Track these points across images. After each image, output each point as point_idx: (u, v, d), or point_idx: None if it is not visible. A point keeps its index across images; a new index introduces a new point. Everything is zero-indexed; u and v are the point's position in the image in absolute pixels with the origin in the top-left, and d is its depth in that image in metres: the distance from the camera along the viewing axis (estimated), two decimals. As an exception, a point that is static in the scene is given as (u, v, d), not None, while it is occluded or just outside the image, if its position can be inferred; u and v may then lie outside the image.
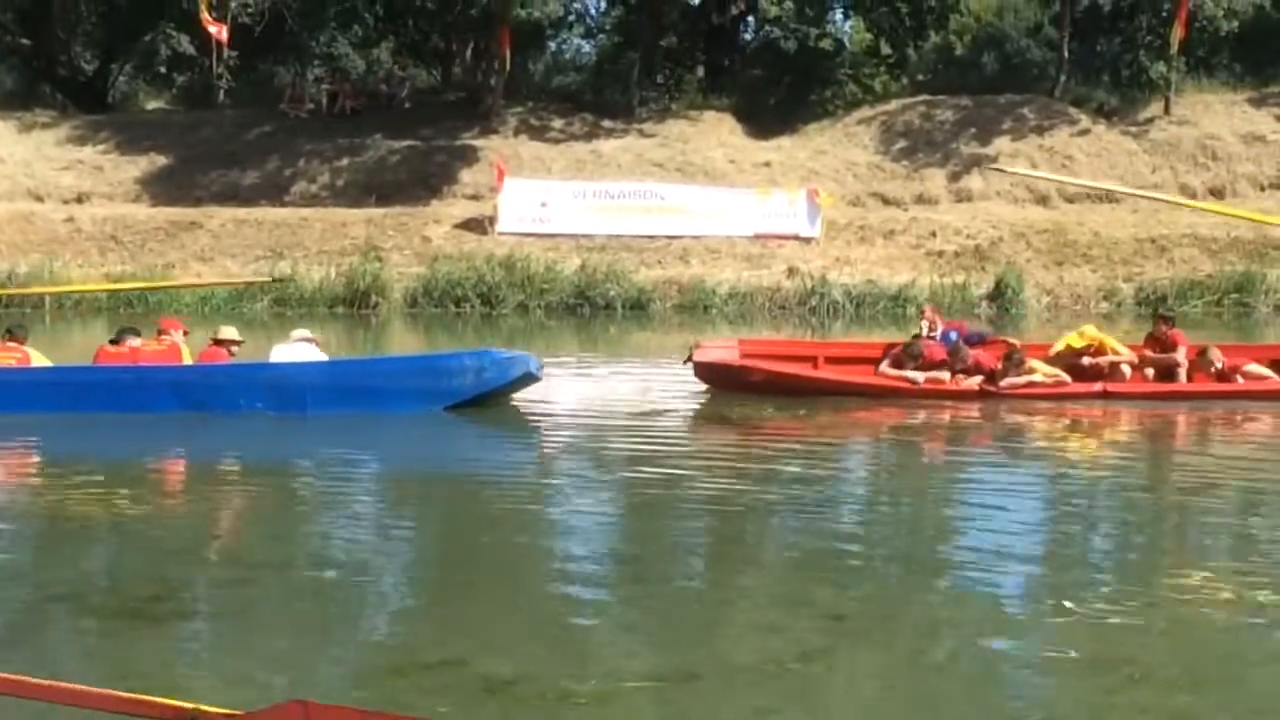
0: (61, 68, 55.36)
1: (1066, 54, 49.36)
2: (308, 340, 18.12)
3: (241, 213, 42.02)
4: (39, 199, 43.16)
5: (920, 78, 55.25)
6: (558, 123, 47.39)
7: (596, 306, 36.92)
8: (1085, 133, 45.70)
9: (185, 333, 18.31)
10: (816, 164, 44.81)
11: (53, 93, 55.13)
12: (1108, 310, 37.43)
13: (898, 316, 35.40)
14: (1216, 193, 43.32)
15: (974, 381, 18.44)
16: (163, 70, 57.36)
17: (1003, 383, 18.33)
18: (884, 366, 18.91)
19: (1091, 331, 19.52)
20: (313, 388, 17.13)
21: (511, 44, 46.58)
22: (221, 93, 51.30)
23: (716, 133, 46.63)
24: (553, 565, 10.34)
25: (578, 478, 14.05)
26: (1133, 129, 46.10)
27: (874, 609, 9.04)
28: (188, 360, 17.70)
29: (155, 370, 17.31)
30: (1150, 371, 19.10)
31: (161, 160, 45.23)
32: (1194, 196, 43.02)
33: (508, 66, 47.25)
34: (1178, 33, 44.04)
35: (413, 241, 40.48)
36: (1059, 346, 19.16)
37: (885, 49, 52.82)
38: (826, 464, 15.03)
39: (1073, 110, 47.12)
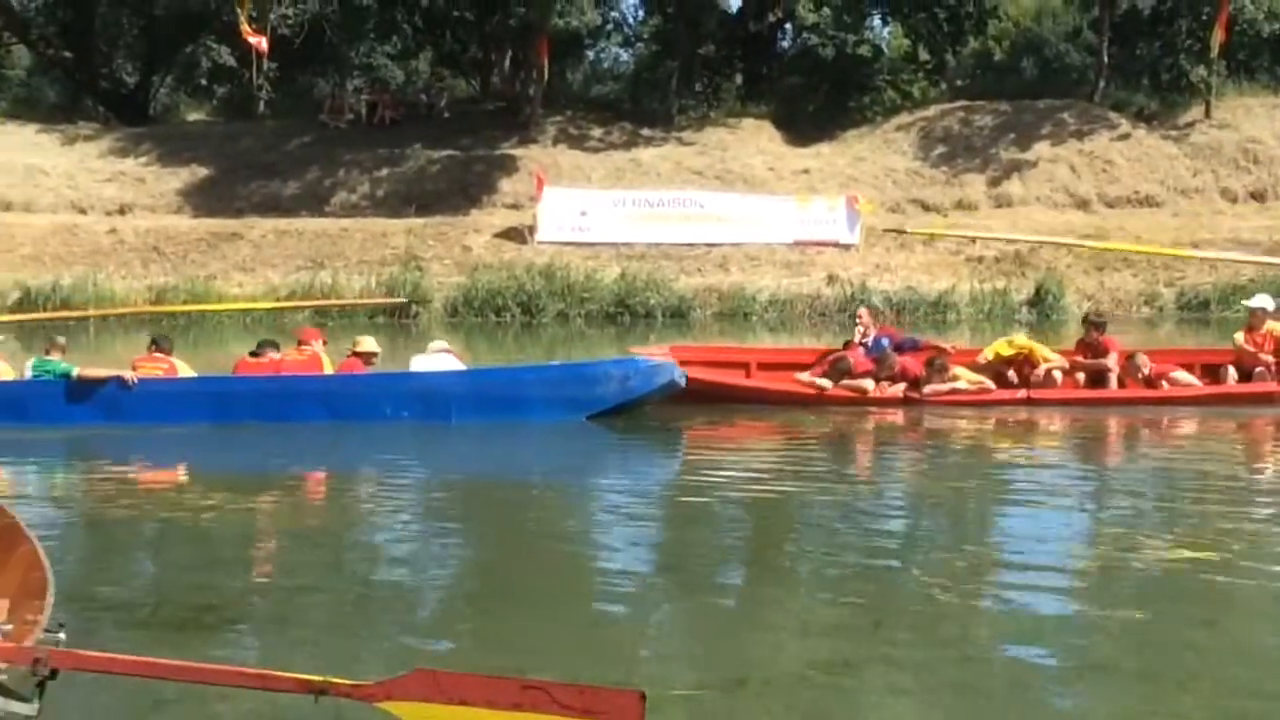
0: (103, 80, 55.70)
1: (1106, 58, 49.21)
2: (445, 351, 18.12)
3: (282, 223, 42.19)
4: (82, 211, 43.39)
5: (959, 83, 55.25)
6: (596, 131, 47.48)
7: (636, 315, 36.97)
8: (1125, 137, 45.56)
9: (324, 343, 18.38)
10: (855, 170, 44.79)
11: (95, 105, 55.49)
12: (1149, 315, 37.33)
13: (938, 322, 35.37)
14: (1258, 196, 43.23)
15: (898, 389, 18.45)
16: (203, 82, 57.82)
17: (926, 389, 18.29)
18: (808, 375, 18.92)
19: (1021, 339, 19.47)
20: (457, 397, 17.09)
21: (550, 53, 46.73)
22: (262, 104, 51.53)
23: (755, 140, 46.63)
24: (596, 572, 10.37)
25: (640, 485, 14.09)
26: (1173, 133, 45.95)
27: (914, 616, 9.03)
28: (328, 370, 17.76)
29: (302, 380, 17.34)
30: (1082, 377, 19.02)
31: (203, 171, 45.45)
32: (1235, 200, 43.00)
33: (546, 76, 47.37)
34: (1218, 36, 43.88)
35: (453, 251, 40.60)
36: (988, 354, 19.09)
37: (923, 55, 52.78)
38: (848, 472, 15.05)
39: (1112, 115, 46.99)
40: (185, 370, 17.61)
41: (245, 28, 45.65)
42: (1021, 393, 18.49)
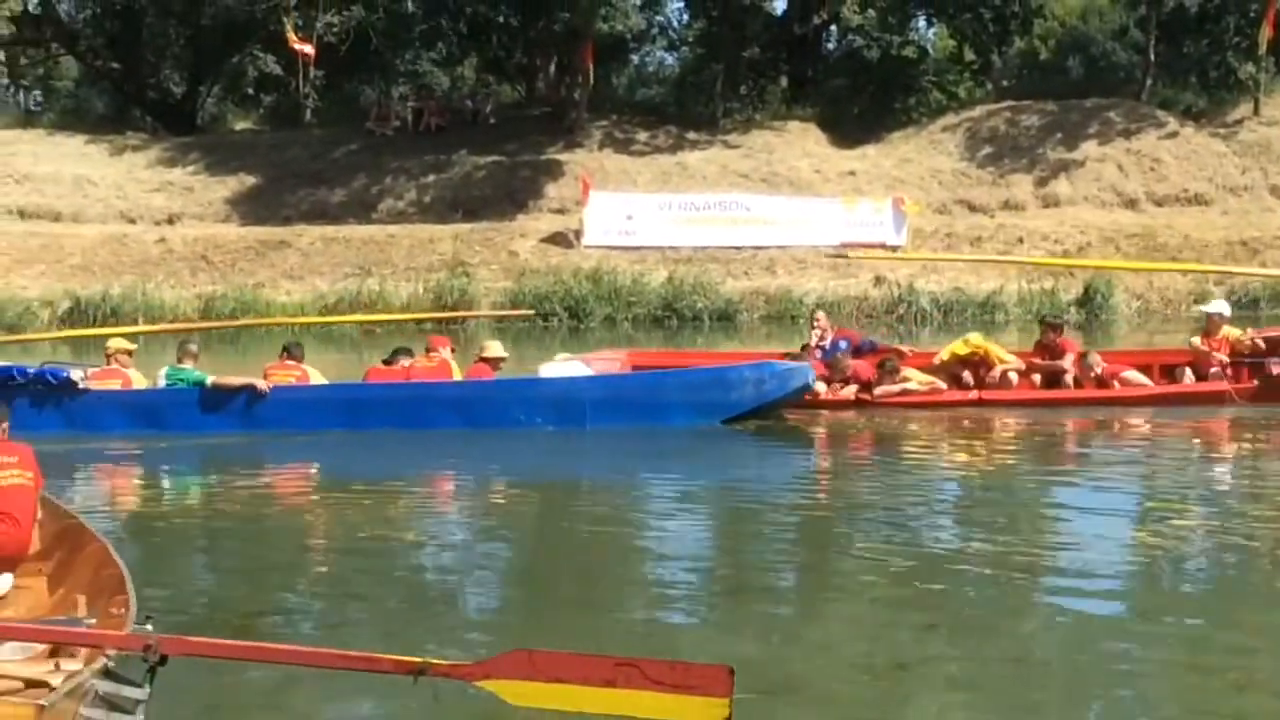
0: (151, 91, 56.02)
1: (1153, 56, 49.00)
2: (572, 361, 18.20)
3: (330, 231, 42.34)
4: (131, 221, 43.62)
5: (1005, 83, 55.10)
6: (642, 135, 47.51)
7: (684, 318, 36.97)
8: (1173, 135, 45.34)
9: (453, 350, 18.41)
10: (902, 172, 44.69)
11: (143, 115, 55.81)
12: (1198, 315, 37.07)
13: (986, 324, 35.24)
14: (1308, 193, 43.04)
15: (850, 391, 18.40)
16: (250, 91, 58.07)
17: (877, 391, 18.27)
18: None
19: (976, 339, 19.35)
20: (593, 402, 17.04)
21: (594, 58, 46.77)
22: (308, 112, 51.73)
23: (801, 143, 46.60)
24: (651, 575, 10.41)
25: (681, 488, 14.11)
26: (1221, 131, 45.72)
27: (967, 616, 9.01)
28: (458, 377, 17.75)
29: (436, 386, 17.35)
30: (1038, 379, 18.96)
31: (250, 180, 45.65)
32: (1285, 198, 42.78)
33: (591, 80, 47.42)
34: (1266, 33, 43.58)
35: (499, 256, 40.67)
36: (943, 355, 19.03)
37: (969, 55, 52.64)
38: (895, 475, 15.02)
39: (1160, 113, 46.77)
40: (317, 377, 17.67)
41: (291, 36, 46.00)
42: (973, 394, 18.45)
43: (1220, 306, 19.61)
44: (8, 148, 46.85)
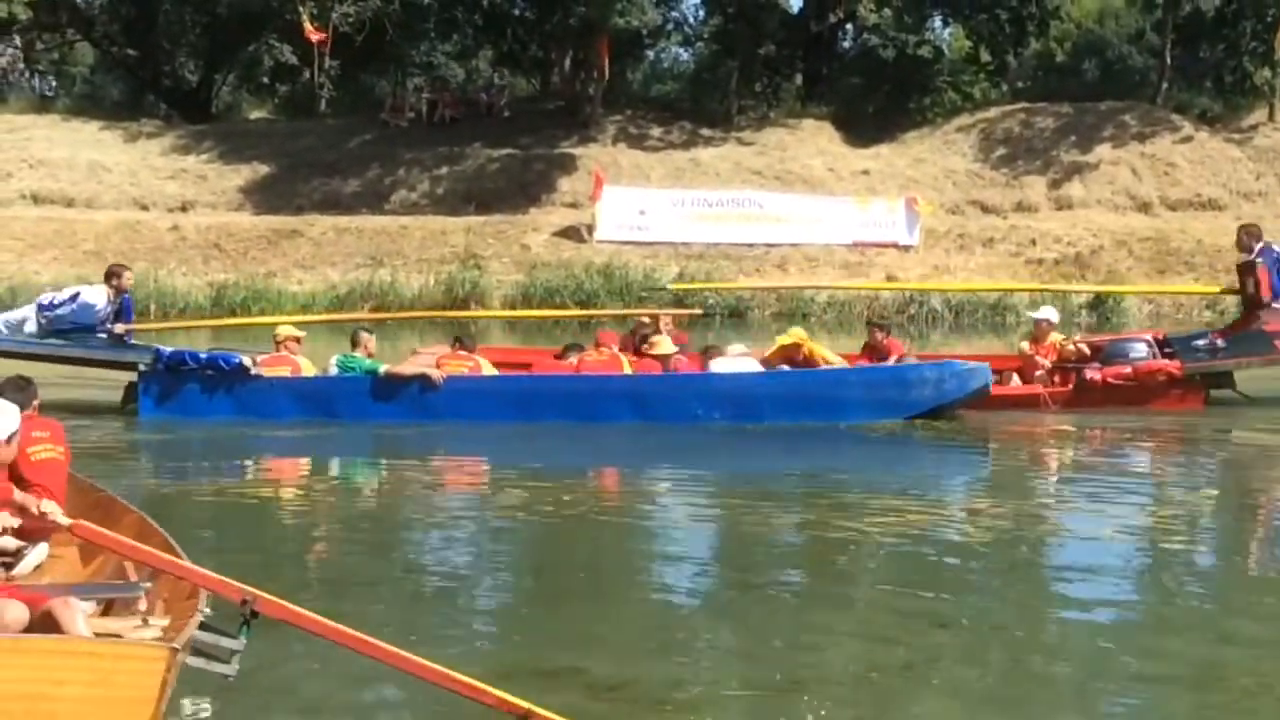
0: (166, 78, 56.08)
1: (1169, 60, 48.95)
2: (745, 355, 18.06)
3: (342, 221, 42.38)
4: (144, 208, 43.67)
5: (1020, 85, 55.03)
6: (656, 131, 47.52)
7: (695, 315, 36.94)
8: (1188, 140, 45.30)
9: (620, 347, 18.21)
10: (915, 172, 44.68)
11: (158, 103, 55.88)
12: (1211, 319, 37.04)
13: (997, 325, 35.23)
14: (1320, 200, 42.96)
15: None
16: (265, 80, 58.13)
17: None
18: None
19: (798, 332, 19.35)
20: (770, 397, 17.01)
21: (610, 53, 46.77)
22: (323, 102, 51.77)
23: (815, 141, 46.59)
24: (656, 573, 10.43)
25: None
26: (1236, 136, 45.67)
27: (976, 618, 9.01)
28: (626, 371, 17.59)
29: (612, 380, 17.26)
30: None
31: (264, 169, 45.69)
32: (1298, 204, 42.69)
33: (606, 75, 47.44)
34: (1283, 38, 43.60)
35: (511, 249, 40.69)
36: (773, 349, 19.06)
37: (985, 56, 52.55)
38: (905, 475, 15.08)
39: (1175, 117, 46.73)
40: (489, 369, 17.60)
41: (307, 26, 46.03)
42: None
43: (1048, 313, 19.70)
44: (23, 133, 46.93)
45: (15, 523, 7.24)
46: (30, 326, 17.51)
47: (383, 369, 17.04)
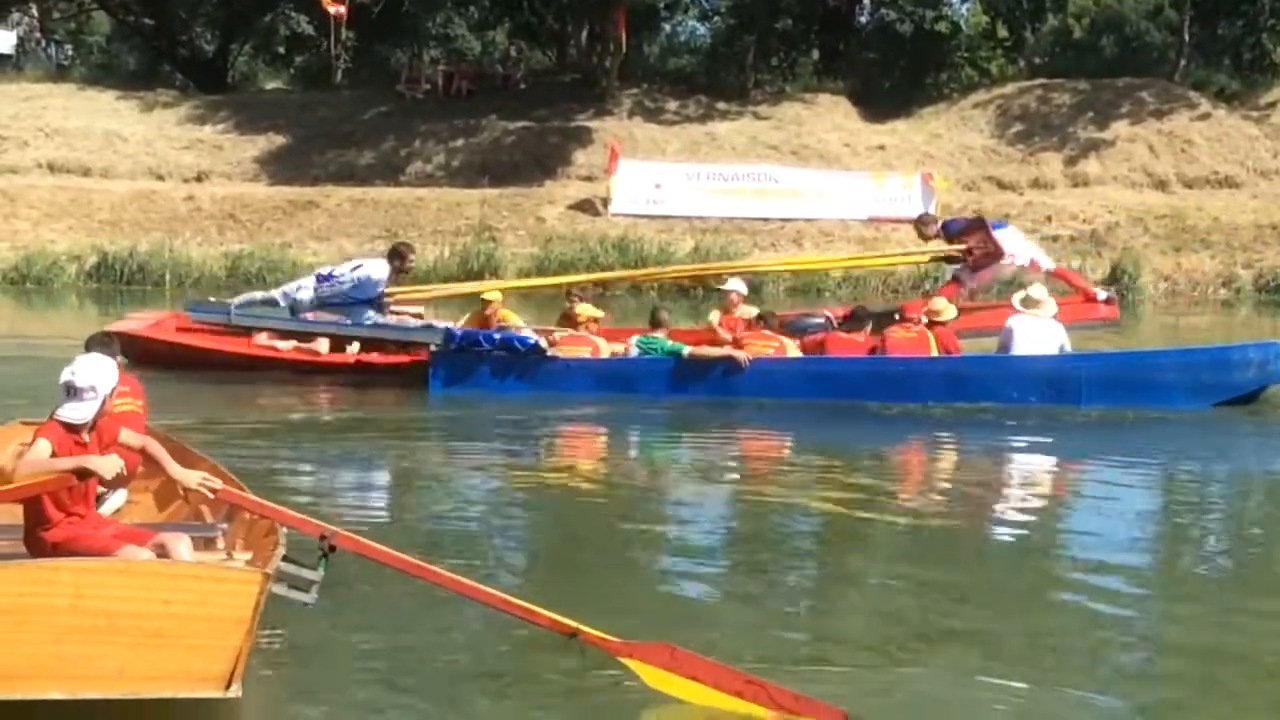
0: (182, 48, 56.00)
1: (1187, 37, 48.79)
2: (1046, 302, 17.74)
3: (358, 192, 42.38)
4: (160, 178, 43.70)
5: (1037, 61, 54.87)
6: (672, 105, 47.43)
7: (710, 288, 36.89)
8: (1205, 117, 45.12)
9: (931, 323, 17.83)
10: (931, 147, 44.59)
11: (174, 73, 55.83)
12: (1226, 297, 37.02)
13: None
14: (1339, 177, 42.84)
15: (354, 350, 18.71)
16: (281, 51, 58.00)
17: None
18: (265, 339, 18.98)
19: (493, 293, 19.81)
20: (1089, 380, 16.65)
21: (627, 26, 46.70)
22: (339, 73, 51.74)
23: (831, 116, 46.50)
24: (669, 547, 10.46)
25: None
26: (1254, 113, 45.50)
27: (990, 591, 9.05)
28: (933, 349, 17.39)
29: (925, 362, 17.13)
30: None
31: (279, 140, 45.68)
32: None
33: (623, 48, 47.37)
34: (1302, 15, 43.44)
35: (526, 222, 40.68)
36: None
37: (1002, 32, 52.41)
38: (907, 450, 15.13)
39: (1193, 94, 46.54)
40: (792, 349, 17.43)
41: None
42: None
43: (736, 285, 19.98)
44: (39, 102, 46.97)
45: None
46: (306, 294, 17.79)
47: (686, 351, 17.00)
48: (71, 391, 7.54)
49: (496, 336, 17.35)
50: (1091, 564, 9.63)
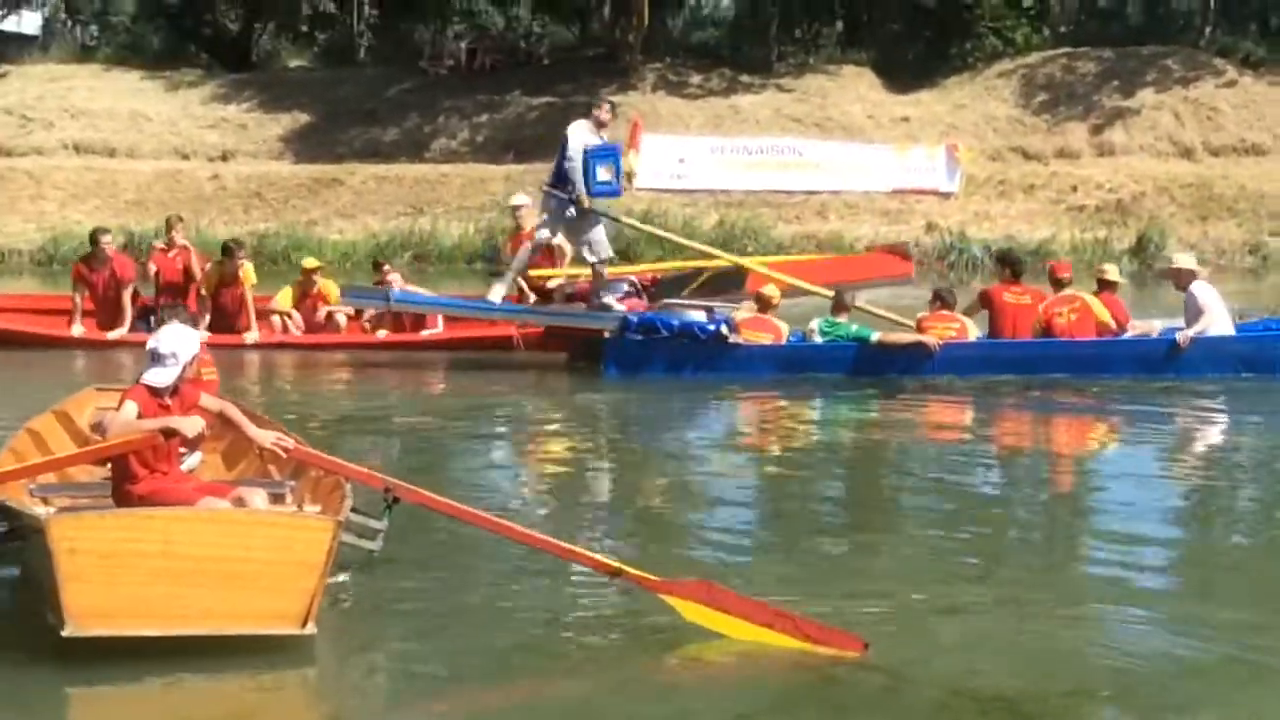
0: (207, 27, 56.06)
1: (1213, 4, 48.53)
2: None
3: (382, 169, 42.45)
4: (185, 157, 43.81)
5: (1062, 29, 54.52)
6: (695, 78, 47.32)
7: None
8: (1232, 84, 44.89)
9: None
10: (956, 118, 44.46)
11: (198, 52, 55.87)
12: (1252, 264, 36.89)
13: (1038, 272, 35.00)
14: (1365, 145, 42.61)
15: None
16: (305, 29, 58.00)
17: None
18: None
19: (311, 261, 20.67)
20: None
21: (650, -1, 46.64)
22: (362, 50, 51.75)
23: (855, 87, 46.36)
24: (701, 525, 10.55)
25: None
26: (1281, 80, 45.29)
27: (1016, 566, 9.09)
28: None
29: (1116, 344, 17.03)
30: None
31: (304, 118, 45.75)
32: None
33: (646, 22, 47.26)
34: (1329, -19, 43.18)
35: (551, 197, 40.66)
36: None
37: (1026, 1, 52.18)
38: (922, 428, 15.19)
39: (1219, 61, 46.27)
40: (973, 330, 17.37)
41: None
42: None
43: (520, 199, 21.70)
44: (64, 82, 47.10)
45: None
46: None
47: (874, 337, 16.89)
48: (155, 358, 8.29)
49: (675, 323, 17.14)
50: (1145, 530, 9.95)
